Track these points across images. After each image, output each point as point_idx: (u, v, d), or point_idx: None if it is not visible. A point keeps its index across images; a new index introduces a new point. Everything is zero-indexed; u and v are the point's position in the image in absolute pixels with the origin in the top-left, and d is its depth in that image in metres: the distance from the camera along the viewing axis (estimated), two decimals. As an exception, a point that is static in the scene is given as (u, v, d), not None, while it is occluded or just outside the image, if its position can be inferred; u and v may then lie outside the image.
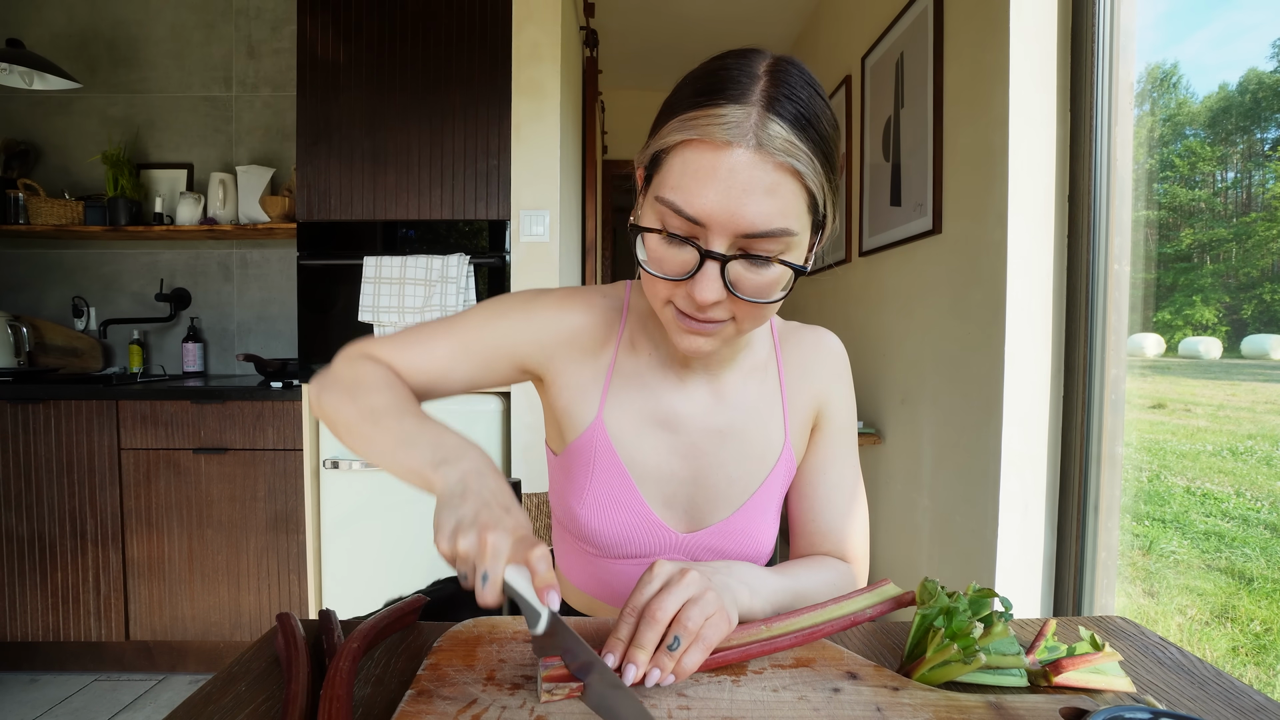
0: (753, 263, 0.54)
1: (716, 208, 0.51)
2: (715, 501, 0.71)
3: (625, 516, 0.69)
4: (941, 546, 1.73)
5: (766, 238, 0.52)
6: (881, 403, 2.16)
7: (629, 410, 0.69)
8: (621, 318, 0.71)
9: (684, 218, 0.52)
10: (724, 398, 0.71)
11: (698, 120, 0.52)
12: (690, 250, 0.54)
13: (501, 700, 0.46)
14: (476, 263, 1.91)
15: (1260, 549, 1.47)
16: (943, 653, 0.49)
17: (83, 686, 1.92)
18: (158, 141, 2.44)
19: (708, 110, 0.52)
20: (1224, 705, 0.48)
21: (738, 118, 0.51)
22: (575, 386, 0.70)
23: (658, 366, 0.70)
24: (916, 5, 1.83)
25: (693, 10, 3.07)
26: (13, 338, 2.20)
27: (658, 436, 0.70)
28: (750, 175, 0.51)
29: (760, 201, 0.51)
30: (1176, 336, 1.54)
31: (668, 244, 0.55)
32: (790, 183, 0.52)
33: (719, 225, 0.52)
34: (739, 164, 0.50)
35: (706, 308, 0.55)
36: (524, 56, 1.91)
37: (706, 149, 0.51)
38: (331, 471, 1.92)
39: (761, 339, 0.74)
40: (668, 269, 0.55)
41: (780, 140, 0.51)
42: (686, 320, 0.57)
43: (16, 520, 1.93)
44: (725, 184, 0.51)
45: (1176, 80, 1.49)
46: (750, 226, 0.51)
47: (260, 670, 0.53)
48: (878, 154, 2.16)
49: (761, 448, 0.72)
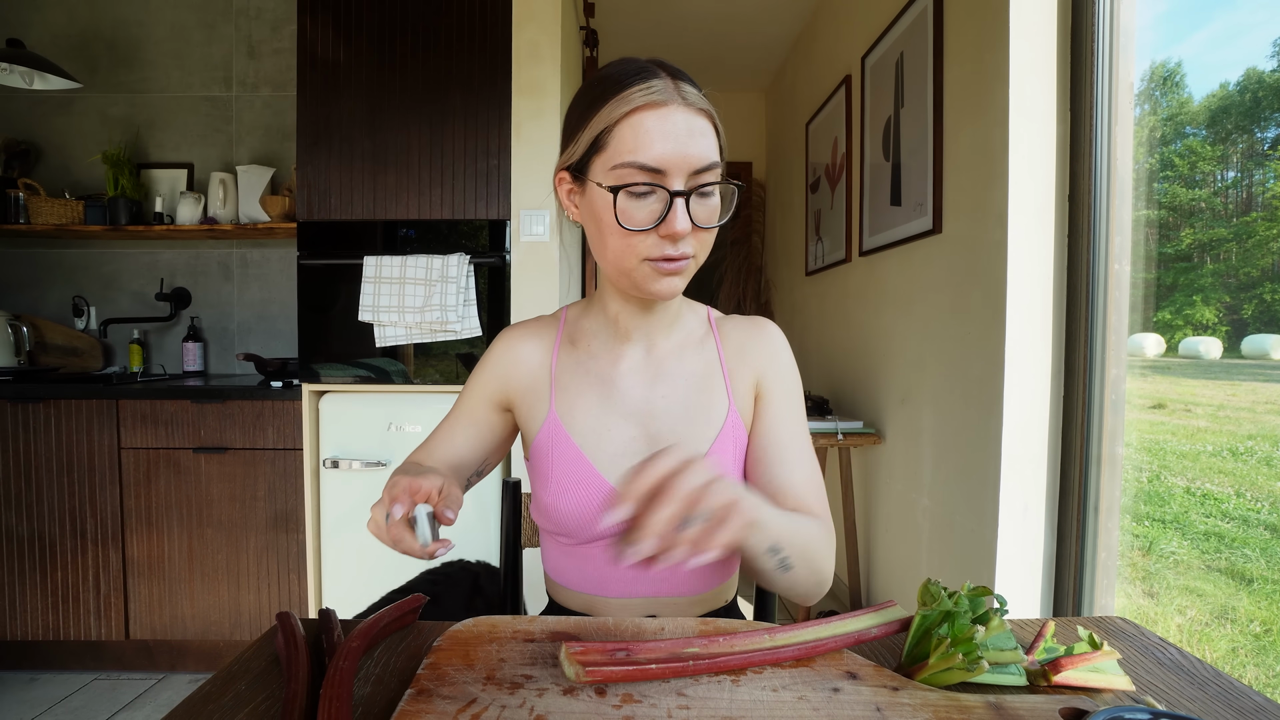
0: (701, 195, 0.66)
1: (671, 153, 0.64)
2: None
3: (587, 493, 0.74)
4: (941, 546, 1.73)
5: (707, 170, 0.66)
6: (881, 403, 2.16)
7: (577, 397, 0.77)
8: (559, 325, 0.82)
9: (646, 169, 0.64)
10: (663, 368, 0.78)
11: (633, 95, 0.64)
12: (656, 197, 0.65)
13: (501, 700, 0.46)
14: (476, 262, 1.91)
15: (1260, 549, 1.47)
16: (947, 660, 0.49)
17: (82, 685, 1.92)
18: (158, 141, 2.44)
19: (638, 86, 0.65)
20: (1224, 705, 0.48)
21: (661, 85, 0.65)
22: (530, 394, 0.79)
23: (597, 354, 0.79)
24: (916, 5, 1.83)
25: (693, 10, 3.07)
26: (13, 337, 2.20)
27: (608, 416, 0.76)
28: (686, 122, 0.65)
29: (698, 141, 0.65)
30: (1176, 336, 1.54)
31: (636, 199, 0.65)
32: (707, 124, 0.67)
33: (675, 167, 0.64)
34: (677, 116, 0.64)
35: (681, 239, 0.66)
36: (524, 56, 1.91)
37: (650, 111, 0.64)
38: (331, 471, 1.92)
39: (698, 320, 0.82)
40: (641, 220, 0.65)
41: (693, 95, 0.67)
42: (663, 264, 0.67)
43: (16, 520, 1.94)
44: (672, 133, 0.64)
45: (1180, 79, 1.49)
46: (698, 161, 0.65)
47: (260, 669, 0.53)
48: (878, 154, 2.16)
49: (706, 411, 0.76)
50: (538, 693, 0.47)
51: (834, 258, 2.63)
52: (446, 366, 1.94)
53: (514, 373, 0.80)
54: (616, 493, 0.49)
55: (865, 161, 2.28)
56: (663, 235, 0.65)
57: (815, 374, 2.97)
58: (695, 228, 0.66)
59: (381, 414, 1.91)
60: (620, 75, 0.66)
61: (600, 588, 0.76)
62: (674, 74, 0.67)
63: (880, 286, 2.18)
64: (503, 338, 0.82)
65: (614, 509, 0.49)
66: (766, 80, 3.93)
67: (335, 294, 1.94)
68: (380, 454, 1.91)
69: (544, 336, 0.81)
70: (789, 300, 3.52)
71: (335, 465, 1.90)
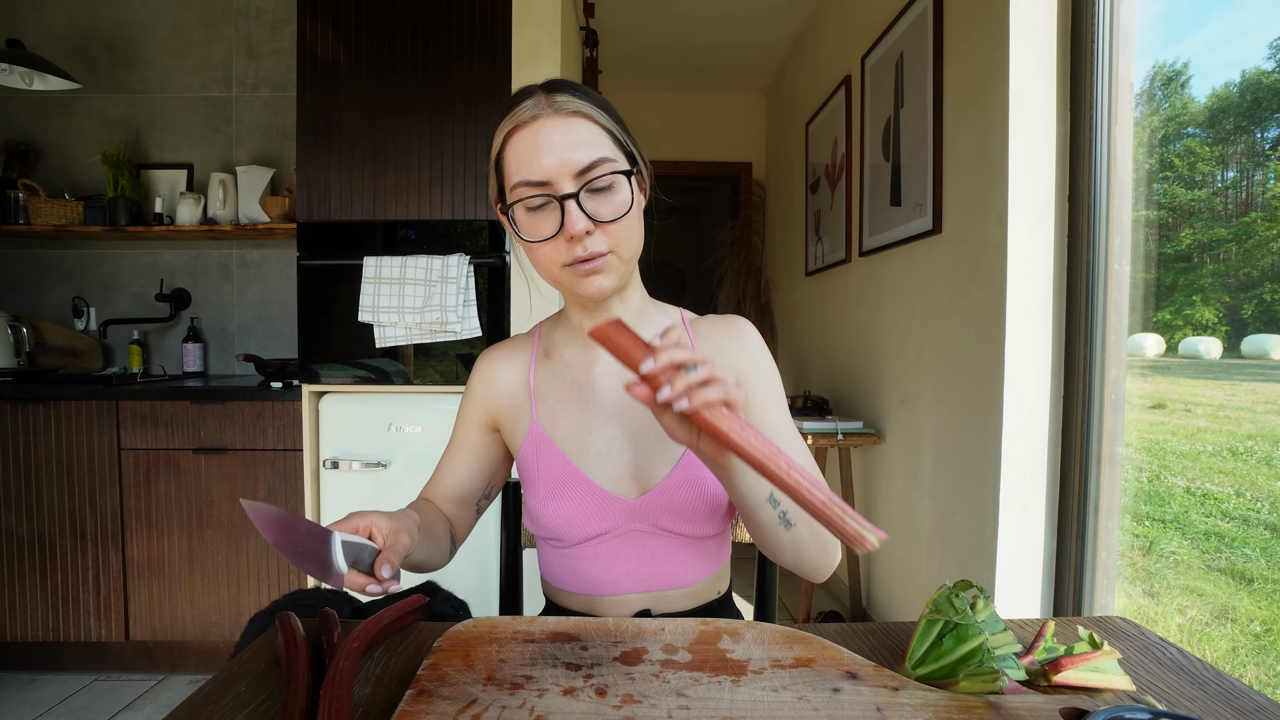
0: (597, 193, 0.68)
1: (550, 161, 0.66)
2: (654, 461, 0.76)
3: (575, 495, 0.75)
4: (941, 546, 1.73)
5: (593, 168, 0.67)
6: (881, 403, 2.16)
7: (557, 405, 0.79)
8: (534, 340, 0.84)
9: (533, 184, 0.67)
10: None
11: (508, 119, 0.70)
12: (550, 207, 0.68)
13: (501, 700, 0.46)
14: (476, 263, 1.91)
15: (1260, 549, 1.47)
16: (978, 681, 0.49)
17: (83, 686, 1.92)
18: (158, 141, 2.44)
19: (511, 111, 0.70)
20: (1224, 705, 0.48)
21: (531, 103, 0.69)
22: (512, 410, 0.81)
23: (571, 361, 0.81)
24: (916, 5, 1.83)
25: (693, 10, 3.07)
26: (13, 338, 2.20)
27: (589, 419, 0.77)
28: (559, 126, 0.67)
29: (574, 144, 0.67)
30: (1176, 336, 1.54)
31: (534, 214, 0.69)
32: (587, 124, 0.69)
33: (557, 173, 0.66)
34: (549, 126, 0.67)
35: (581, 238, 0.67)
36: (524, 56, 1.91)
37: (523, 129, 0.68)
38: (331, 471, 1.92)
39: (666, 319, 0.83)
40: (543, 230, 0.69)
41: (564, 99, 0.69)
42: (579, 267, 0.69)
43: (16, 520, 1.93)
44: (546, 143, 0.67)
45: (1185, 80, 1.49)
46: (578, 162, 0.66)
47: (260, 670, 0.53)
48: (878, 154, 2.16)
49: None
50: (538, 693, 0.47)
51: (834, 258, 2.63)
52: (446, 367, 1.94)
53: (495, 393, 0.82)
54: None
55: (865, 161, 2.28)
56: (566, 239, 0.67)
57: (815, 374, 2.97)
58: (599, 224, 0.68)
59: (381, 414, 1.91)
60: (505, 106, 0.72)
61: (595, 588, 0.77)
62: (551, 88, 0.70)
63: (880, 287, 2.18)
64: (481, 362, 0.84)
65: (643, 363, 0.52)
66: (766, 80, 3.93)
67: (335, 294, 1.94)
68: (380, 454, 1.91)
69: (520, 354, 0.83)
70: (789, 300, 3.52)
71: (335, 466, 1.90)
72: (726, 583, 0.85)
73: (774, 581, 0.91)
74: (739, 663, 0.52)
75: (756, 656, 0.53)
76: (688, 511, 0.74)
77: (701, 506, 0.75)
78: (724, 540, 0.82)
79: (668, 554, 0.76)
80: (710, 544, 0.79)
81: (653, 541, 0.76)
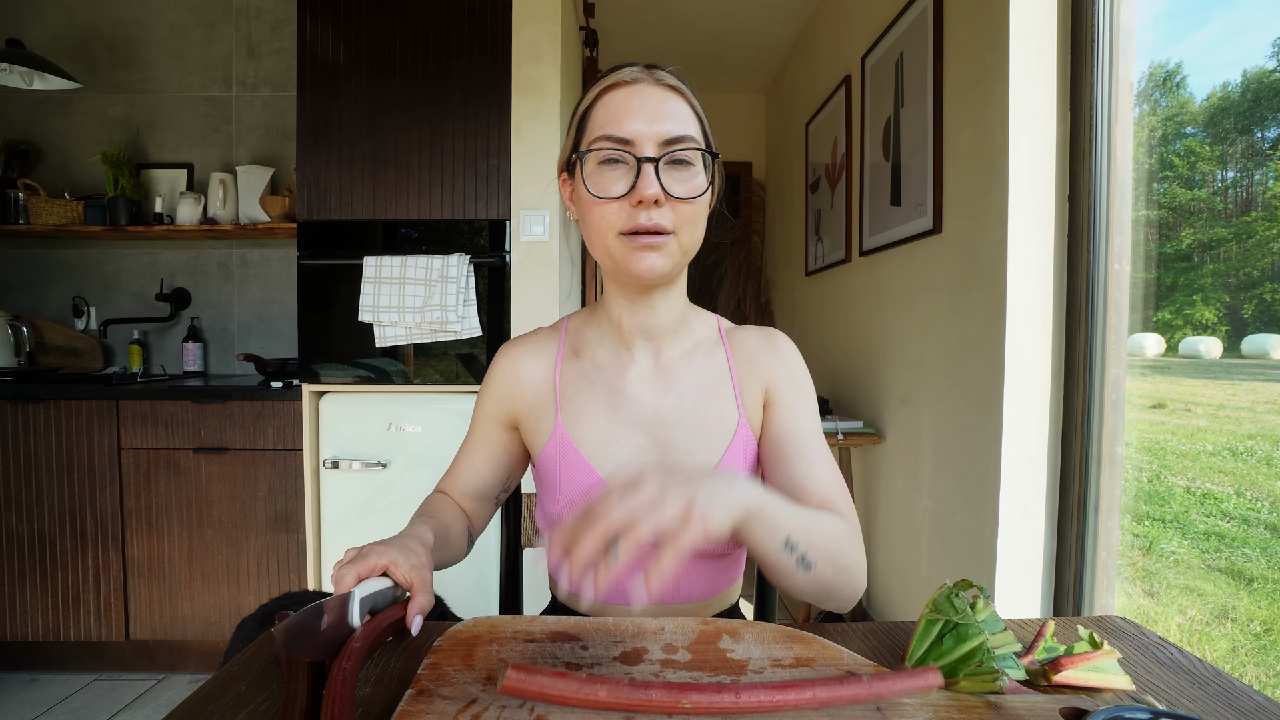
0: (676, 166, 0.67)
1: (640, 123, 0.66)
2: None
3: None
4: (941, 546, 1.73)
5: (679, 141, 0.66)
6: (881, 403, 2.16)
7: (583, 410, 0.75)
8: (560, 335, 0.81)
9: (616, 140, 0.66)
10: (672, 376, 0.76)
11: (606, 78, 0.69)
12: (625, 169, 0.67)
13: (501, 700, 0.46)
14: (477, 262, 1.91)
15: (1260, 549, 1.47)
16: (978, 681, 0.49)
17: (83, 686, 1.92)
18: (158, 141, 2.44)
19: (613, 73, 0.70)
20: (1224, 705, 0.48)
21: (634, 69, 0.69)
22: (535, 409, 0.78)
23: (603, 363, 0.77)
24: (916, 5, 1.83)
25: (693, 10, 3.07)
26: (13, 338, 2.20)
27: (617, 427, 0.74)
28: (656, 95, 0.68)
29: (668, 114, 0.67)
30: (1176, 336, 1.54)
31: (608, 169, 0.67)
32: (682, 102, 0.69)
33: (644, 137, 0.66)
34: (647, 91, 0.68)
35: (649, 204, 0.65)
36: (524, 56, 1.91)
37: (621, 89, 0.68)
38: (331, 471, 1.92)
39: (707, 328, 0.81)
40: (612, 188, 0.67)
41: (667, 76, 0.70)
42: (637, 238, 0.67)
43: (16, 520, 1.93)
44: (640, 105, 0.67)
45: (1181, 80, 1.49)
46: (667, 131, 0.66)
47: (260, 670, 0.53)
48: (878, 154, 2.16)
49: (716, 422, 0.75)
50: (538, 693, 0.47)
51: (834, 258, 2.63)
52: (446, 366, 1.94)
53: (517, 391, 0.78)
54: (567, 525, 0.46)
55: (865, 161, 2.28)
56: (633, 204, 0.65)
57: (815, 374, 2.96)
58: (671, 198, 0.66)
59: (381, 414, 1.91)
60: (604, 73, 0.71)
61: (607, 597, 0.75)
62: (654, 65, 0.70)
63: (880, 286, 2.18)
64: (502, 355, 0.80)
65: (550, 537, 0.47)
66: (766, 80, 3.93)
67: (335, 294, 1.94)
68: (380, 454, 1.91)
69: (545, 350, 0.80)
70: (789, 300, 3.52)
71: (335, 465, 1.90)
72: (737, 595, 0.84)
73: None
74: (739, 662, 0.52)
75: (756, 656, 0.53)
76: None
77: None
78: (739, 556, 0.80)
79: (683, 568, 0.72)
80: (725, 560, 0.77)
81: None
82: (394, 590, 0.58)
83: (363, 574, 0.56)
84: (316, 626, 0.51)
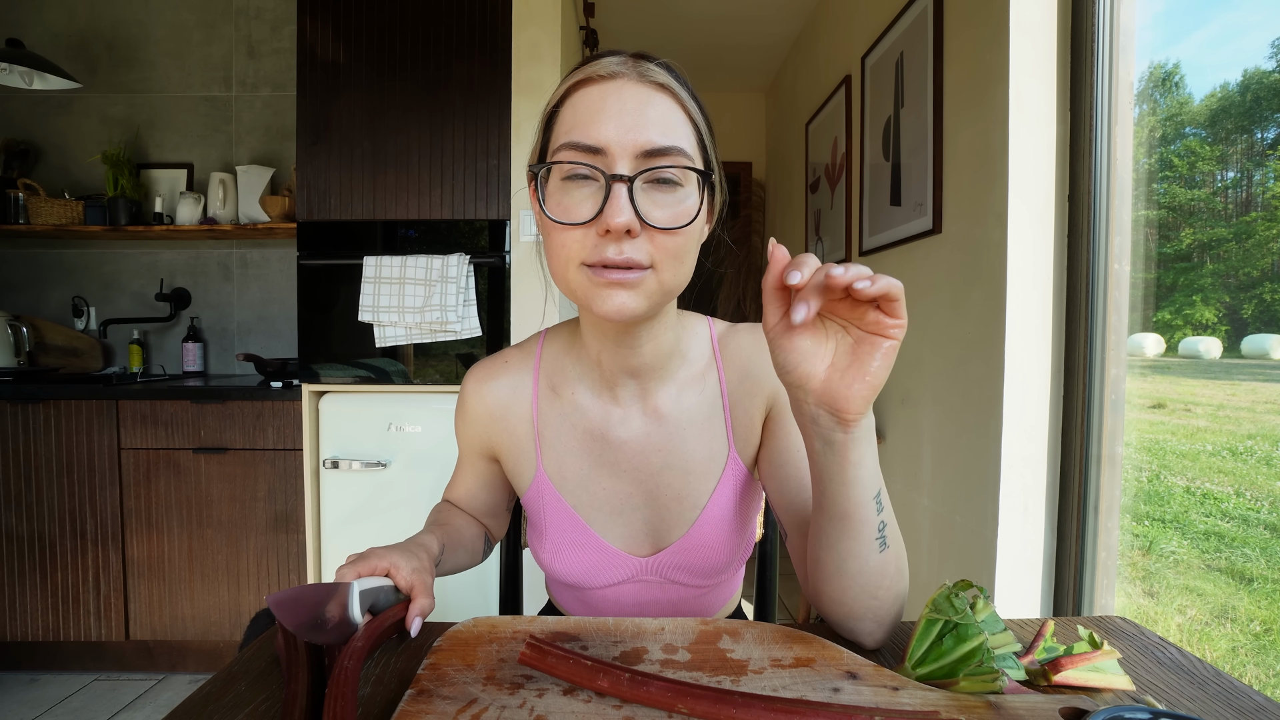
0: (658, 186, 0.54)
1: (613, 130, 0.52)
2: (669, 521, 0.70)
3: (585, 555, 0.70)
4: (941, 546, 1.73)
5: (664, 154, 0.53)
6: (881, 403, 2.16)
7: (565, 454, 0.69)
8: (535, 365, 0.71)
9: (583, 149, 0.53)
10: (660, 416, 0.68)
11: (579, 71, 0.56)
12: (594, 187, 0.53)
13: (501, 700, 0.46)
14: (477, 262, 1.91)
15: (1260, 549, 1.47)
16: (978, 681, 0.49)
17: (83, 686, 1.92)
18: (158, 141, 2.44)
19: (590, 64, 0.56)
20: (1224, 705, 0.48)
21: (614, 61, 0.55)
22: (514, 449, 0.72)
23: (584, 406, 0.69)
24: (916, 5, 1.83)
25: (693, 10, 3.06)
26: (13, 338, 2.20)
27: (600, 471, 0.69)
28: (638, 94, 0.54)
29: (651, 119, 0.53)
30: (1176, 336, 1.54)
31: (570, 188, 0.54)
32: (671, 104, 0.55)
33: (618, 146, 0.52)
34: (626, 89, 0.54)
35: (619, 235, 0.52)
36: (524, 56, 1.91)
37: (594, 84, 0.54)
38: (331, 471, 1.92)
39: (699, 346, 0.70)
40: (575, 211, 0.53)
41: (655, 69, 0.55)
42: (603, 272, 0.53)
43: (16, 520, 1.93)
44: (617, 107, 0.53)
45: (1180, 80, 1.48)
46: (648, 141, 0.52)
47: (260, 670, 0.53)
48: (878, 154, 2.16)
49: (705, 462, 0.69)
50: (538, 693, 0.47)
51: (834, 258, 2.63)
52: (446, 367, 1.94)
53: (493, 429, 0.72)
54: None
55: (865, 161, 2.28)
56: (600, 233, 0.52)
57: (815, 374, 2.96)
58: (648, 227, 0.53)
59: (381, 414, 1.91)
60: (581, 61, 0.57)
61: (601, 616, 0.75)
62: (639, 56, 0.56)
63: (880, 286, 2.17)
64: (472, 390, 0.72)
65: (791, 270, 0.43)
66: (766, 80, 3.93)
67: (335, 294, 1.94)
68: (380, 454, 1.91)
69: (519, 382, 0.71)
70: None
71: (335, 466, 1.90)
72: (736, 604, 0.84)
73: (774, 581, 0.91)
74: (739, 662, 0.52)
75: (756, 656, 0.53)
76: (703, 569, 0.70)
77: (716, 564, 0.70)
78: (738, 573, 0.79)
79: (679, 599, 0.73)
80: (723, 583, 0.75)
81: (664, 588, 0.72)
82: (394, 591, 0.59)
83: (364, 574, 0.57)
84: (316, 602, 0.52)
